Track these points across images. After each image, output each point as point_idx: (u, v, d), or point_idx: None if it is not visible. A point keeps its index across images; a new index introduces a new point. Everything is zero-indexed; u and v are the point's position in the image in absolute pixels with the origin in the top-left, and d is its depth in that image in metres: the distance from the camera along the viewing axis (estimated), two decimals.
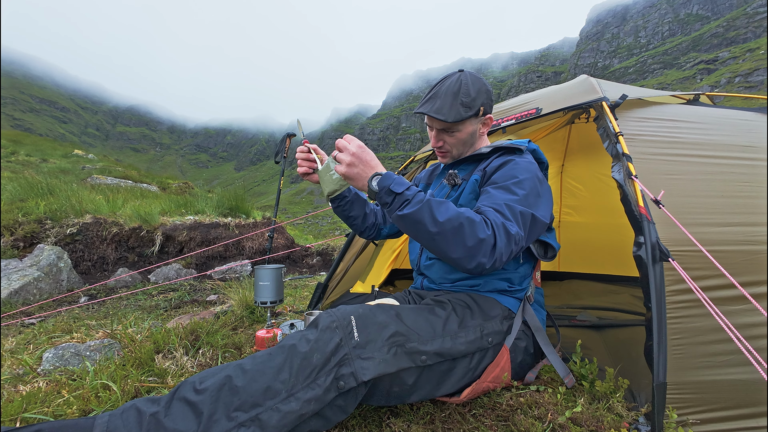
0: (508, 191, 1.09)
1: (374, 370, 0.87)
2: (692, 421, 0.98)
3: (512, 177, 1.12)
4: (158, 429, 0.76)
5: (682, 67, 75.26)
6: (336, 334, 0.89)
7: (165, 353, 1.50)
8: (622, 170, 1.26)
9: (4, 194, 3.96)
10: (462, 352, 1.02)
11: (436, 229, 0.94)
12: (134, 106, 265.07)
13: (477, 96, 1.21)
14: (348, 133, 1.16)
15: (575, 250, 3.32)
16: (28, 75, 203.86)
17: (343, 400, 0.86)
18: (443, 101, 1.20)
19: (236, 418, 0.77)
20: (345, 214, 1.46)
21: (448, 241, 0.95)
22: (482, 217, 0.99)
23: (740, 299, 1.01)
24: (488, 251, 0.95)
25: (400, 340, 0.93)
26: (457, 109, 1.19)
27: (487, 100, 1.25)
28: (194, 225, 4.27)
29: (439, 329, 1.01)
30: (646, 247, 1.06)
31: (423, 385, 0.98)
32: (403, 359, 0.92)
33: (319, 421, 0.85)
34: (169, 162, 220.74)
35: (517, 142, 1.28)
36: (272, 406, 0.79)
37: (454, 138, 1.26)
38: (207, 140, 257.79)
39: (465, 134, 1.26)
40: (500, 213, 1.02)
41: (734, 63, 60.91)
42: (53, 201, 3.90)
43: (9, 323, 2.26)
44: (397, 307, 1.03)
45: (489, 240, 0.95)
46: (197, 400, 0.79)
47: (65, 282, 3.12)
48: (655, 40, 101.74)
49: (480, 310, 1.13)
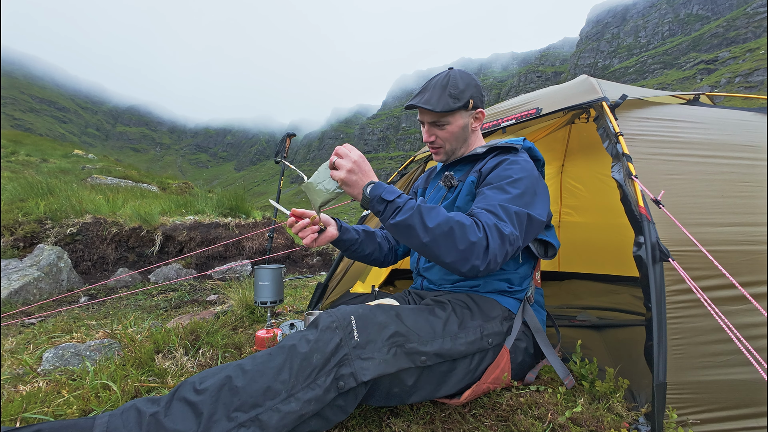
0: (502, 191, 1.09)
1: (374, 371, 0.87)
2: (692, 421, 0.98)
3: (507, 177, 1.12)
4: (158, 429, 0.76)
5: (682, 67, 75.28)
6: (336, 335, 0.89)
7: (165, 353, 1.50)
8: (622, 170, 1.26)
9: (4, 194, 3.96)
10: (462, 353, 1.02)
11: (427, 235, 0.95)
12: (134, 106, 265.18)
13: (465, 88, 1.23)
14: (348, 132, 1.16)
15: (575, 250, 3.32)
16: (28, 75, 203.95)
17: (343, 400, 0.86)
18: (432, 93, 1.23)
19: (236, 418, 0.77)
20: (361, 254, 1.43)
21: (439, 246, 0.95)
22: (474, 220, 0.99)
23: (740, 299, 1.01)
24: (481, 253, 0.95)
25: (399, 340, 0.94)
26: (446, 99, 1.21)
27: (476, 94, 1.26)
28: (194, 225, 4.27)
29: (439, 330, 1.01)
30: (646, 247, 1.06)
31: (423, 385, 0.98)
32: (403, 359, 0.92)
33: (319, 422, 0.85)
34: (169, 162, 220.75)
35: (512, 140, 1.28)
36: (272, 407, 0.79)
37: (446, 131, 1.27)
38: (207, 140, 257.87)
39: (456, 127, 1.26)
40: (494, 214, 1.02)
41: (734, 63, 60.92)
42: (53, 201, 3.90)
43: (9, 323, 2.26)
44: (397, 308, 1.03)
45: (481, 242, 0.95)
46: (197, 400, 0.79)
47: (65, 282, 3.12)
48: (655, 40, 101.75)
49: (480, 311, 1.13)
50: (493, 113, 2.02)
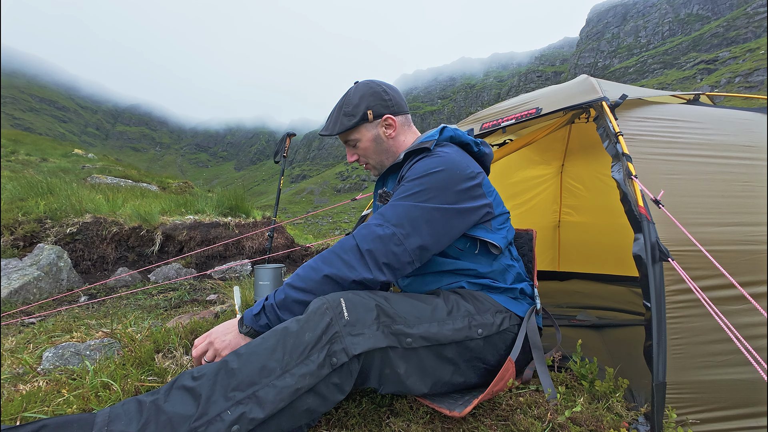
0: (399, 194, 1.10)
1: (364, 344, 0.89)
2: (692, 420, 0.99)
3: (414, 176, 1.11)
4: (158, 413, 0.78)
5: (682, 67, 75.25)
6: (326, 315, 0.91)
7: (165, 353, 1.50)
8: (621, 170, 1.26)
9: (4, 194, 3.96)
10: (449, 339, 1.02)
11: (308, 294, 0.99)
12: (134, 105, 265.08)
13: (359, 102, 1.24)
14: None
15: (575, 250, 3.33)
16: (28, 75, 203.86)
17: (338, 377, 0.87)
18: (331, 118, 1.29)
19: (233, 397, 0.80)
20: None
21: (325, 290, 0.99)
22: (341, 241, 1.05)
23: (740, 299, 1.01)
24: (359, 263, 1.00)
25: (387, 321, 0.95)
26: (341, 120, 1.24)
27: (374, 103, 1.24)
28: (194, 224, 4.27)
29: (426, 315, 1.02)
30: (645, 247, 1.06)
31: (413, 371, 0.99)
32: (391, 338, 0.94)
33: (317, 400, 0.86)
34: (169, 161, 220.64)
35: (427, 135, 1.26)
36: (268, 383, 0.82)
37: (360, 149, 1.30)
38: (207, 140, 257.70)
39: (367, 142, 1.27)
40: (372, 222, 1.06)
41: (734, 63, 60.90)
42: (53, 200, 3.90)
43: (9, 322, 2.25)
44: (386, 294, 1.05)
45: (352, 253, 1.01)
46: (195, 385, 0.82)
47: (65, 281, 3.12)
48: (656, 40, 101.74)
49: (473, 302, 1.12)
50: (493, 113, 2.03)
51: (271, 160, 3.50)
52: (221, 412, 0.78)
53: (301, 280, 1.01)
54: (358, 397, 1.14)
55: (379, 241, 1.02)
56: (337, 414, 1.07)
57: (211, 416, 0.77)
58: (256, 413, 0.79)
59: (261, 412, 0.79)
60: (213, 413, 0.78)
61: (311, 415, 0.88)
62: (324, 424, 1.04)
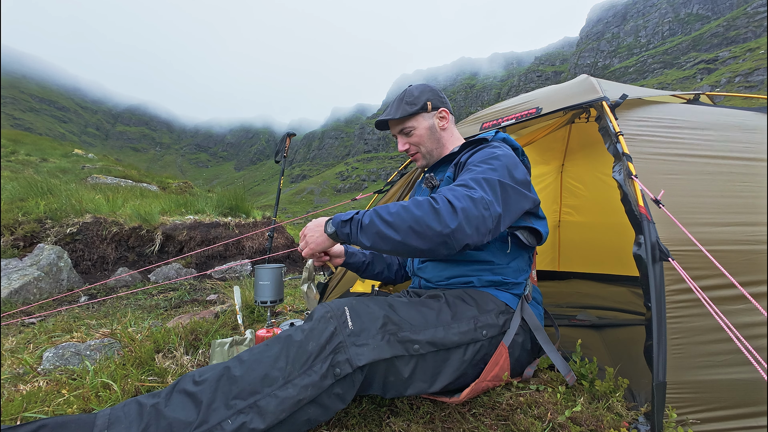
0: (474, 170, 1.09)
1: (369, 356, 0.88)
2: (692, 420, 0.98)
3: (480, 159, 1.14)
4: (158, 418, 0.78)
5: (683, 66, 75.22)
6: (330, 324, 0.90)
7: (165, 353, 1.50)
8: (622, 171, 1.26)
9: (4, 194, 3.96)
10: (455, 343, 1.02)
11: (391, 230, 0.95)
12: (134, 105, 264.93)
13: (420, 94, 1.33)
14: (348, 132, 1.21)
15: (575, 249, 3.32)
16: (28, 75, 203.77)
17: (341, 387, 0.87)
18: (391, 107, 1.37)
19: (235, 405, 0.79)
20: (371, 273, 1.55)
21: (412, 230, 0.93)
22: (429, 196, 0.99)
23: (740, 299, 1.01)
24: (452, 218, 0.92)
25: (392, 328, 0.95)
26: (403, 107, 1.32)
27: (432, 97, 1.34)
28: (194, 224, 4.27)
29: (432, 320, 1.02)
30: (645, 247, 1.06)
31: (418, 375, 0.98)
32: (397, 347, 0.94)
33: (318, 410, 0.86)
34: (169, 161, 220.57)
35: (484, 134, 1.34)
36: (270, 393, 0.81)
37: (414, 136, 1.34)
38: (207, 140, 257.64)
39: (422, 130, 1.33)
40: (460, 186, 1.02)
41: (734, 63, 60.89)
42: (53, 200, 3.90)
43: (9, 323, 2.25)
44: (390, 299, 1.05)
45: (445, 207, 0.93)
46: (196, 390, 0.81)
47: (65, 281, 3.12)
48: (656, 39, 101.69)
49: (475, 304, 1.13)
50: (493, 112, 2.02)
51: (272, 160, 3.50)
52: (222, 420, 0.77)
53: (389, 214, 0.97)
54: (358, 397, 1.14)
55: (471, 202, 0.95)
56: (337, 414, 1.07)
57: (211, 424, 0.77)
58: (256, 424, 0.78)
59: (262, 422, 0.78)
60: (213, 421, 0.77)
61: (311, 425, 0.87)
62: (324, 423, 1.04)
